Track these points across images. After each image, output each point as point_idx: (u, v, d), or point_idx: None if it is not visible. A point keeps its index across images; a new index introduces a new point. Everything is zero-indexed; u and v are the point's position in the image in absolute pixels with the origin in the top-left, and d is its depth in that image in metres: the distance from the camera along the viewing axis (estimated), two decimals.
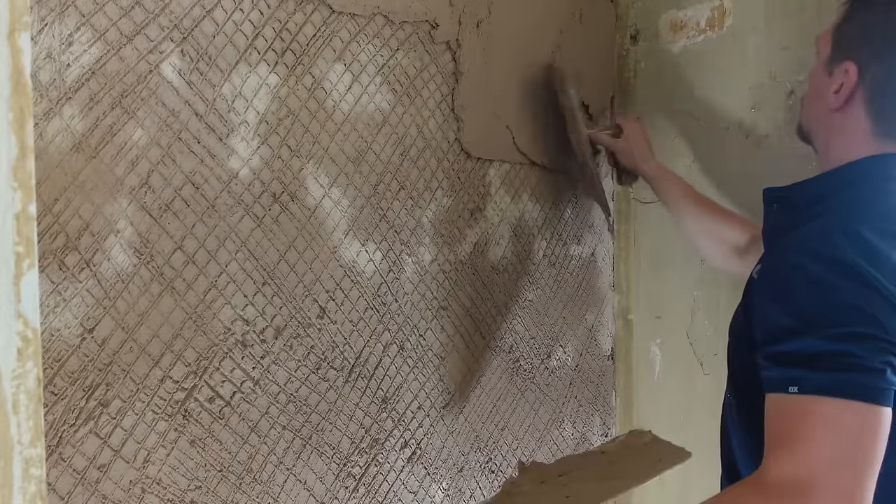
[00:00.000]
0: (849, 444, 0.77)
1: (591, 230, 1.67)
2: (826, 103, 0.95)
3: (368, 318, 1.23)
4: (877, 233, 0.84)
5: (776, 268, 0.88)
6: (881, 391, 0.78)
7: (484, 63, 1.38)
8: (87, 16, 0.90)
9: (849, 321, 0.79)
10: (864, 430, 0.77)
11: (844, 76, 0.92)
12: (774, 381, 0.82)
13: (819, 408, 0.78)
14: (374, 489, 1.26)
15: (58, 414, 0.90)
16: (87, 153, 0.91)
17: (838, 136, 0.96)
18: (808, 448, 0.77)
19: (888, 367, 0.78)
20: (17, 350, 0.46)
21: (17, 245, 0.46)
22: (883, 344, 0.79)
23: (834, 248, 0.82)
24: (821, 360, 0.79)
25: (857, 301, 0.79)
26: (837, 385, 0.77)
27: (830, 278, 0.81)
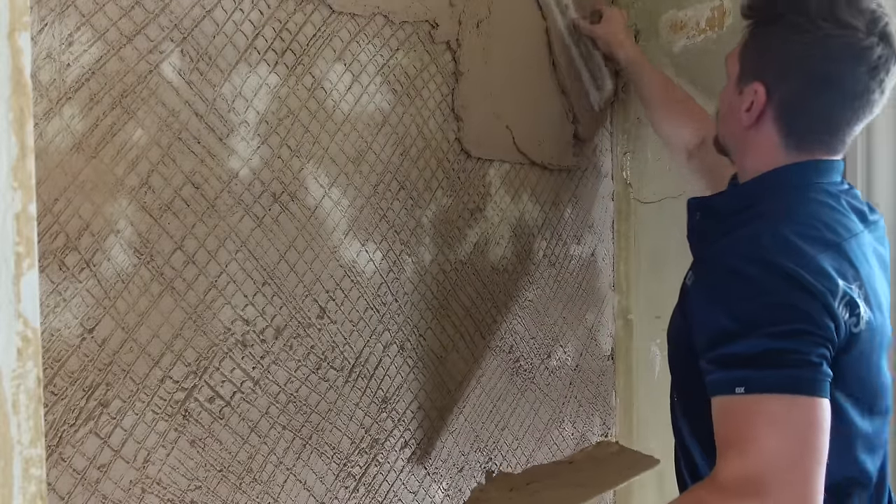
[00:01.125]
0: (796, 438, 0.80)
1: (591, 230, 1.67)
2: (739, 120, 1.00)
3: (368, 318, 1.23)
4: (801, 237, 0.89)
5: (711, 274, 0.92)
6: (820, 383, 0.82)
7: (484, 63, 1.38)
8: (87, 16, 0.90)
9: (785, 319, 0.83)
10: (809, 423, 0.81)
11: (754, 96, 0.97)
12: (719, 384, 0.85)
13: (765, 406, 0.81)
14: (374, 489, 1.26)
15: (58, 414, 0.90)
16: (87, 153, 0.91)
17: (752, 150, 1.01)
18: (757, 447, 0.80)
19: (824, 360, 0.83)
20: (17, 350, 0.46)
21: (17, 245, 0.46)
22: (818, 339, 0.83)
23: (765, 252, 0.87)
24: (765, 358, 0.82)
25: (790, 300, 0.84)
26: (782, 382, 0.81)
27: (764, 280, 0.85)
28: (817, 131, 0.97)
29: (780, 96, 0.96)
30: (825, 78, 0.93)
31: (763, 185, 0.99)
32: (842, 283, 0.87)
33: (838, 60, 0.92)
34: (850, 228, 0.95)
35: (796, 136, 0.97)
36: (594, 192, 1.69)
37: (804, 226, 0.91)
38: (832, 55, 0.92)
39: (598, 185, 1.70)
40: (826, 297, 0.85)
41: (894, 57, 0.93)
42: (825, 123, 0.96)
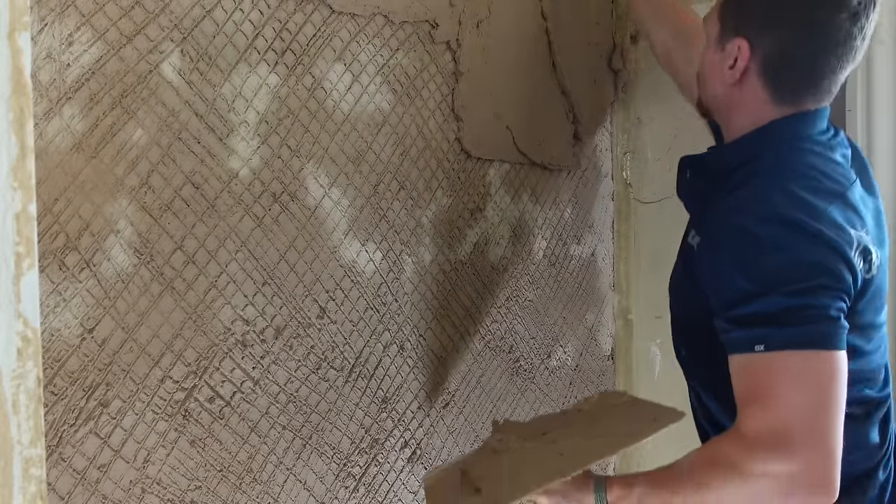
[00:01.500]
0: (817, 391, 0.82)
1: (591, 230, 1.67)
2: (723, 79, 1.00)
3: (368, 318, 1.23)
4: (809, 191, 0.90)
5: (721, 234, 0.92)
6: (839, 337, 0.84)
7: (484, 63, 1.38)
8: (87, 16, 0.90)
9: (804, 276, 0.84)
10: (828, 375, 0.83)
11: (737, 52, 0.97)
12: (738, 343, 0.87)
13: (786, 362, 0.83)
14: (374, 489, 1.26)
15: (58, 414, 0.90)
16: (87, 153, 0.91)
17: (739, 107, 1.01)
18: (780, 402, 0.82)
19: (841, 313, 0.85)
20: (17, 350, 0.46)
21: (17, 245, 0.46)
22: (836, 292, 0.85)
23: (776, 208, 0.87)
24: (784, 316, 0.84)
25: (807, 255, 0.85)
26: (801, 338, 0.83)
27: (780, 237, 0.86)
28: (803, 82, 0.97)
29: (763, 50, 0.96)
30: (807, 27, 0.94)
31: (756, 140, 0.99)
32: (854, 233, 0.88)
33: (819, 8, 0.93)
34: (848, 177, 0.96)
35: (782, 89, 0.97)
36: (594, 192, 1.69)
37: (808, 178, 0.92)
38: (813, 4, 0.93)
39: (598, 185, 1.70)
40: (844, 249, 0.86)
41: (873, 2, 0.93)
42: (810, 73, 0.96)
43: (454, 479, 1.08)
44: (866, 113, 1.44)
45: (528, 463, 1.03)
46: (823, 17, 0.93)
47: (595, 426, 1.08)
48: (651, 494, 0.93)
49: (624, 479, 0.99)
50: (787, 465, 0.81)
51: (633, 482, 0.96)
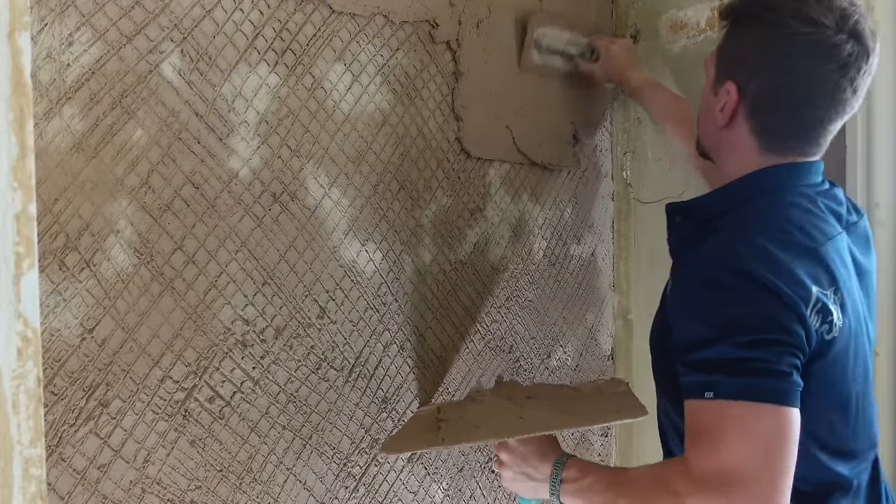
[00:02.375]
0: (763, 443, 0.82)
1: (591, 230, 1.67)
2: (714, 121, 1.00)
3: (368, 318, 1.23)
4: (775, 244, 0.89)
5: (688, 282, 0.93)
6: (790, 393, 0.83)
7: (484, 63, 1.38)
8: (87, 16, 0.90)
9: (757, 328, 0.84)
10: (775, 431, 0.83)
11: (727, 96, 0.97)
12: (691, 387, 0.87)
13: (734, 411, 0.83)
14: (374, 489, 1.26)
15: (58, 414, 0.90)
16: (87, 153, 0.91)
17: (728, 151, 1.01)
18: (727, 447, 0.83)
19: (794, 370, 0.85)
20: (17, 350, 0.46)
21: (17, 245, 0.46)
22: (789, 348, 0.85)
23: (740, 261, 0.87)
24: (734, 366, 0.84)
25: (763, 309, 0.85)
26: (750, 389, 0.83)
27: (738, 289, 0.86)
28: (790, 131, 0.97)
29: (751, 95, 0.96)
30: (793, 75, 0.93)
31: (738, 189, 0.99)
32: (815, 290, 0.87)
33: (806, 57, 0.92)
34: (827, 232, 0.94)
35: (769, 136, 0.97)
36: (594, 192, 1.69)
37: (779, 231, 0.91)
38: (800, 52, 0.92)
39: (598, 185, 1.70)
40: (798, 306, 0.85)
41: (866, 55, 0.92)
42: (797, 122, 0.96)
43: (431, 413, 1.19)
44: (866, 113, 1.44)
45: (488, 418, 1.10)
46: (811, 67, 0.92)
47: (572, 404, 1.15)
48: (598, 489, 0.96)
49: (584, 465, 1.01)
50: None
51: (589, 471, 0.99)
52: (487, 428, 1.07)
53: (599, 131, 1.69)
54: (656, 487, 0.89)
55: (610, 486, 0.95)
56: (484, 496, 1.45)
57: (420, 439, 1.10)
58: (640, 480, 0.93)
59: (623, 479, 0.96)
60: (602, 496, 0.95)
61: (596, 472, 0.99)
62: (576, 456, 1.03)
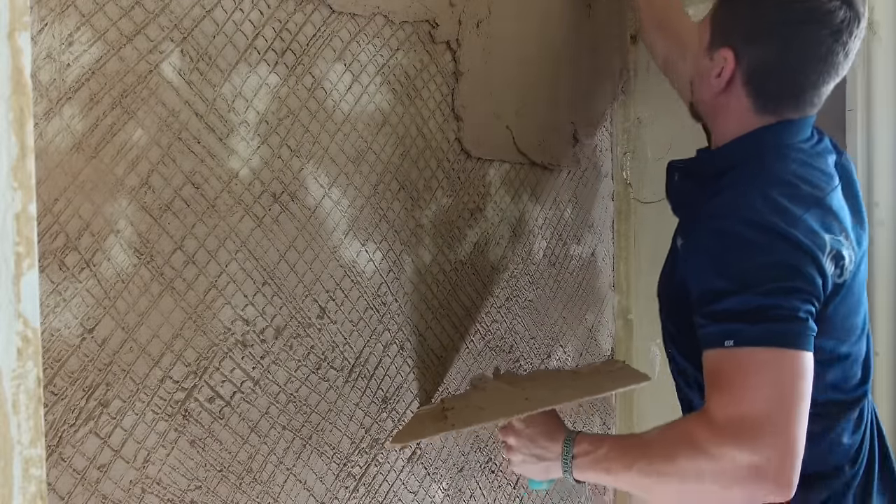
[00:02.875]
0: (782, 388, 0.86)
1: (591, 230, 1.67)
2: (710, 86, 1.04)
3: (368, 318, 1.23)
4: (787, 197, 0.93)
5: (704, 236, 0.96)
6: (806, 338, 0.87)
7: (484, 63, 1.38)
8: (87, 16, 0.90)
9: (776, 277, 0.88)
10: (794, 373, 0.86)
11: (723, 62, 1.01)
12: (711, 338, 0.90)
13: (754, 357, 0.86)
14: (374, 489, 1.26)
15: (58, 414, 0.90)
16: (87, 153, 0.91)
17: (725, 114, 1.05)
18: (747, 394, 0.86)
19: (809, 315, 0.88)
20: (17, 350, 0.46)
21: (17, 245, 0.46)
22: (806, 295, 0.88)
23: (756, 213, 0.91)
24: (753, 314, 0.87)
25: (781, 258, 0.89)
26: (769, 335, 0.86)
27: (756, 239, 0.90)
28: (785, 94, 1.01)
29: (748, 61, 1.00)
30: (790, 42, 0.97)
31: (740, 147, 1.03)
32: (828, 238, 0.92)
33: (801, 24, 0.96)
34: (829, 182, 0.99)
35: (765, 99, 1.01)
36: (594, 192, 1.69)
37: (788, 185, 0.95)
38: (795, 19, 0.96)
39: (598, 185, 1.70)
40: (816, 254, 0.89)
41: (857, 20, 0.96)
42: (792, 86, 1.00)
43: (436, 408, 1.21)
44: (866, 113, 1.44)
45: (494, 401, 1.12)
46: (806, 33, 0.96)
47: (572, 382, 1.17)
48: (615, 457, 0.97)
49: (595, 437, 1.03)
50: (749, 456, 0.84)
51: (602, 442, 1.00)
52: (493, 409, 1.08)
53: (599, 131, 1.69)
54: (677, 442, 0.90)
55: (624, 452, 0.96)
56: (484, 496, 1.45)
57: (428, 428, 1.11)
58: (659, 439, 0.94)
59: (639, 441, 0.97)
60: (618, 462, 0.96)
61: (609, 441, 1.00)
62: (584, 431, 1.04)
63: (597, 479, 1.01)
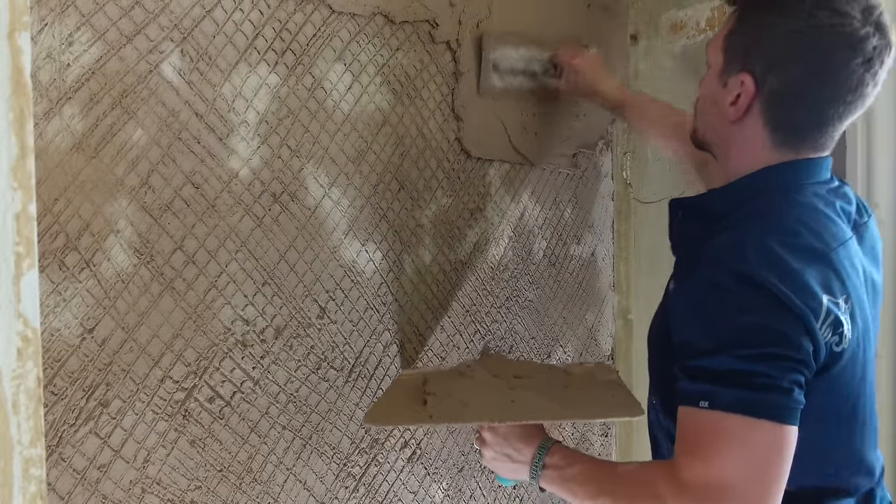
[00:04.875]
0: (757, 459, 0.80)
1: (591, 230, 1.67)
2: (723, 114, 0.94)
3: (368, 318, 1.23)
4: (786, 248, 0.84)
5: (692, 283, 0.89)
6: (789, 410, 0.80)
7: None
8: (87, 16, 0.90)
9: (761, 342, 0.81)
10: (770, 447, 0.80)
11: (741, 88, 0.91)
12: (687, 394, 0.85)
13: (729, 424, 0.81)
14: (374, 489, 1.26)
15: (58, 414, 0.90)
16: (87, 153, 0.91)
17: (738, 146, 0.95)
18: (718, 460, 0.81)
19: (796, 385, 0.81)
20: (17, 350, 0.46)
21: (17, 245, 0.46)
22: (792, 363, 0.81)
23: (747, 264, 0.83)
24: (732, 377, 0.81)
25: (768, 321, 0.81)
26: (746, 404, 0.80)
27: (743, 297, 0.82)
28: (807, 127, 0.92)
29: (769, 89, 0.90)
30: (819, 70, 0.88)
31: (747, 186, 0.94)
32: (826, 301, 0.83)
33: (833, 51, 0.87)
34: (839, 236, 0.90)
35: (784, 132, 0.92)
36: (594, 192, 1.69)
37: (790, 234, 0.87)
38: (827, 45, 0.87)
39: (598, 185, 1.69)
40: (809, 319, 0.81)
41: (889, 48, 0.88)
42: (816, 118, 0.91)
43: (416, 383, 1.14)
44: (866, 113, 1.44)
45: (479, 397, 1.06)
46: (837, 62, 0.87)
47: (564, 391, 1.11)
48: (581, 481, 0.94)
49: (569, 453, 0.99)
50: None
51: (575, 461, 0.97)
52: (477, 408, 1.03)
53: (599, 131, 1.69)
54: (641, 488, 0.87)
55: (593, 480, 0.93)
56: (484, 496, 1.45)
57: (406, 412, 1.06)
58: (626, 478, 0.91)
59: (608, 474, 0.94)
60: (584, 488, 0.93)
61: (581, 462, 0.96)
62: (560, 442, 1.01)
63: (560, 494, 0.98)
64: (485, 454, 1.06)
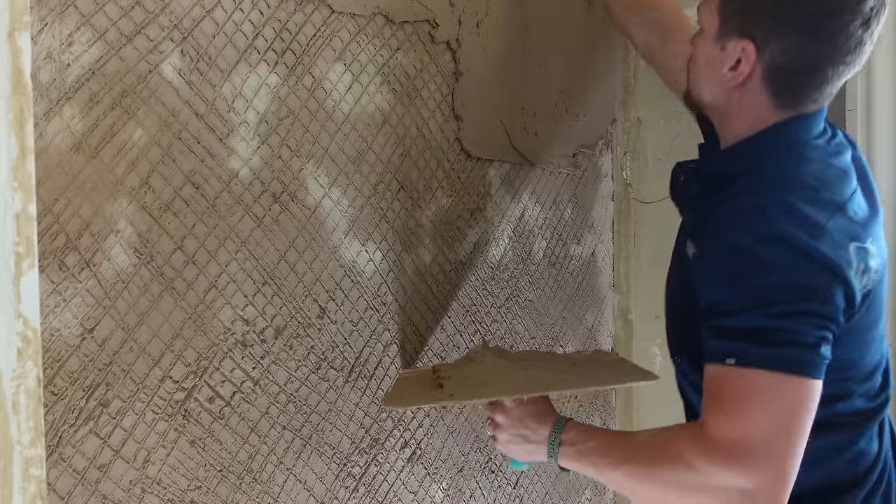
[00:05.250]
0: (783, 414, 0.82)
1: (591, 230, 1.67)
2: (721, 78, 0.95)
3: (368, 318, 1.23)
4: (810, 203, 0.86)
5: (717, 250, 0.90)
6: (814, 366, 0.82)
7: (484, 63, 1.38)
8: (87, 16, 0.90)
9: (789, 298, 0.82)
10: (796, 401, 0.82)
11: (741, 54, 0.92)
12: (714, 352, 0.86)
13: (756, 380, 0.82)
14: (374, 489, 1.26)
15: (58, 414, 0.90)
16: (87, 153, 0.91)
17: (737, 109, 0.96)
18: (744, 417, 0.82)
19: (823, 341, 0.83)
20: (17, 350, 0.46)
21: (17, 245, 0.46)
22: (820, 320, 0.83)
23: (772, 224, 0.85)
24: (760, 335, 0.82)
25: (798, 279, 0.83)
26: (774, 359, 0.82)
27: (773, 256, 0.84)
28: (808, 88, 0.94)
29: (770, 55, 0.91)
30: (819, 34, 0.90)
31: (754, 147, 0.95)
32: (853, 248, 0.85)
33: (833, 15, 0.89)
34: (850, 184, 0.93)
35: (786, 94, 0.94)
36: (594, 192, 1.69)
37: (808, 189, 0.89)
38: (827, 10, 0.89)
39: (598, 185, 1.70)
40: (843, 270, 0.83)
41: (884, 4, 0.90)
42: (817, 80, 0.93)
43: (425, 374, 1.13)
44: (866, 113, 1.44)
45: (494, 376, 1.05)
46: (837, 26, 0.89)
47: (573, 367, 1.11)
48: (601, 453, 0.93)
49: (585, 428, 0.99)
50: (739, 479, 0.81)
51: (591, 435, 0.96)
52: (496, 385, 1.01)
53: (600, 131, 1.69)
54: (665, 452, 0.87)
55: (613, 450, 0.93)
56: (484, 496, 1.45)
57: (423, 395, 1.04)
58: (648, 444, 0.91)
59: (628, 442, 0.94)
60: (605, 459, 0.93)
61: (598, 435, 0.96)
62: (573, 419, 1.01)
63: (581, 470, 0.97)
64: (499, 438, 1.05)
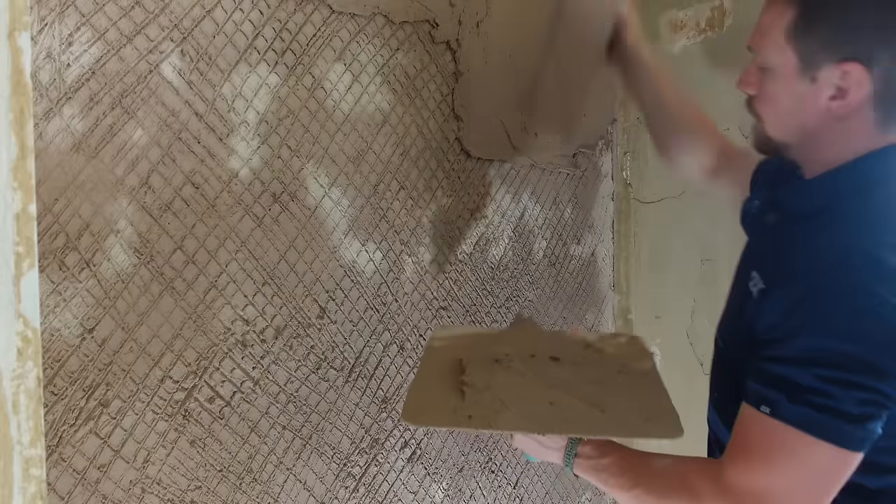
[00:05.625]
0: (807, 477, 0.77)
1: (591, 230, 1.67)
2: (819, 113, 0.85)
3: (368, 318, 1.23)
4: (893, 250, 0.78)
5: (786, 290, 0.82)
6: (856, 439, 0.76)
7: (484, 63, 1.38)
8: (87, 16, 0.90)
9: (846, 367, 0.76)
10: (826, 470, 0.77)
11: (844, 80, 0.82)
12: (752, 395, 0.82)
13: (786, 436, 0.77)
14: (374, 489, 1.26)
15: (58, 414, 0.90)
16: (87, 153, 0.91)
17: (835, 139, 0.86)
18: (767, 469, 0.78)
19: (872, 418, 0.76)
20: (17, 350, 0.46)
21: (17, 245, 0.46)
22: (875, 395, 0.76)
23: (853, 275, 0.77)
24: (803, 392, 0.77)
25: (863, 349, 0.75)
26: (809, 422, 0.76)
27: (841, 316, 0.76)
28: None
29: (880, 74, 0.80)
30: None
31: (845, 180, 0.85)
32: None
33: None
34: None
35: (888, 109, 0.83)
36: (594, 192, 1.69)
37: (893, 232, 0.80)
38: None
39: (598, 185, 1.70)
40: None
41: None
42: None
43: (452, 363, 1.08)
44: None
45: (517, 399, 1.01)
46: None
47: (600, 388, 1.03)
48: (615, 472, 0.91)
49: (602, 442, 0.96)
50: None
51: (608, 451, 0.94)
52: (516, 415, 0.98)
53: (600, 131, 1.69)
54: (680, 485, 0.85)
55: (628, 471, 0.90)
56: (484, 496, 1.45)
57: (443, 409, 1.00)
58: (663, 473, 0.88)
59: (644, 466, 0.91)
60: (619, 479, 0.90)
61: (615, 452, 0.93)
62: None
63: (594, 483, 0.96)
64: (515, 436, 1.02)
